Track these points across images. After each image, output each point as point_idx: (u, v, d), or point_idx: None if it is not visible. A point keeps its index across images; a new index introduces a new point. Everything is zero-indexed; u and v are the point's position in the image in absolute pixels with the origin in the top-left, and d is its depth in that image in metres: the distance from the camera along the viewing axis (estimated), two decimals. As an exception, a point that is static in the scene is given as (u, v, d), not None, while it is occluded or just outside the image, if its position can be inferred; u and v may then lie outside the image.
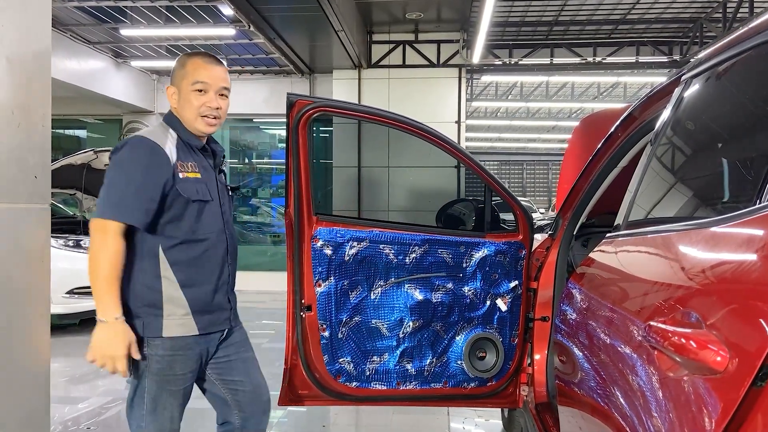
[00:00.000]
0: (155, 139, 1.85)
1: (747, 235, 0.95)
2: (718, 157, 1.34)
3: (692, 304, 0.97)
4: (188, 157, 1.91)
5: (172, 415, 1.90)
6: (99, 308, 1.76)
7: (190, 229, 1.88)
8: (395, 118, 2.67)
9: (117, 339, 1.75)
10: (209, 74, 1.92)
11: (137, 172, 1.81)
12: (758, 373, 0.76)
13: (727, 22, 8.50)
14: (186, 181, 1.86)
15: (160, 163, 1.82)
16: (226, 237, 1.99)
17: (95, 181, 7.26)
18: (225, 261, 1.98)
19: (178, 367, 1.88)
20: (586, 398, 1.50)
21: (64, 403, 4.10)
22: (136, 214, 1.78)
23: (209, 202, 1.92)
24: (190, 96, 1.90)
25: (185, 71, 1.93)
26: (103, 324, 1.75)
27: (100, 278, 1.74)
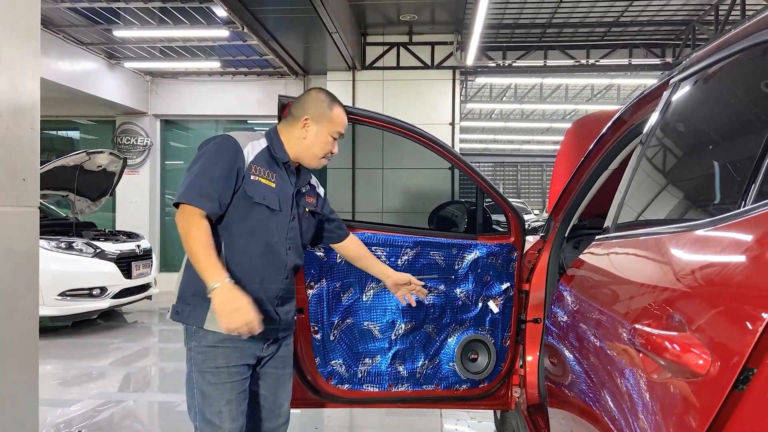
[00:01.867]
0: (238, 139, 1.98)
1: (730, 238, 0.96)
2: (704, 160, 1.35)
3: (677, 307, 0.98)
4: (268, 167, 2.01)
5: (221, 411, 1.92)
6: (207, 279, 1.81)
7: (251, 230, 1.96)
8: (388, 121, 2.67)
9: (235, 295, 1.80)
10: (345, 125, 2.15)
11: (216, 165, 1.91)
12: (739, 376, 0.76)
13: (719, 25, 8.55)
14: (256, 184, 1.96)
15: (236, 160, 1.93)
16: (287, 252, 2.04)
17: (88, 182, 7.25)
18: (280, 273, 2.02)
19: (220, 360, 1.93)
20: (575, 400, 1.51)
21: (56, 405, 4.08)
22: (211, 204, 1.88)
23: (276, 212, 2.00)
24: (327, 139, 2.09)
25: (331, 116, 2.10)
26: (217, 289, 1.80)
27: (197, 254, 1.82)
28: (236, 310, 1.79)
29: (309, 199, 2.18)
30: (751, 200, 0.97)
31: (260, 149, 2.02)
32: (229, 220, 1.95)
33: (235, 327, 1.79)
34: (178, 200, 1.88)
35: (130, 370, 5.25)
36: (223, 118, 10.52)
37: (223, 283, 1.80)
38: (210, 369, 1.94)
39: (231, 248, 1.95)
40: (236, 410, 1.95)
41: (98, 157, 7.02)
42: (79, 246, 6.39)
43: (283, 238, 2.03)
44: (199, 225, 1.85)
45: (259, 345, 2.03)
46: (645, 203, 1.58)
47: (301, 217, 2.11)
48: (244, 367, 1.99)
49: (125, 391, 4.65)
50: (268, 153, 2.03)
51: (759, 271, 0.83)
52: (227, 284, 1.81)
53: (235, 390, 1.96)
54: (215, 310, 1.81)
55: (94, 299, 6.36)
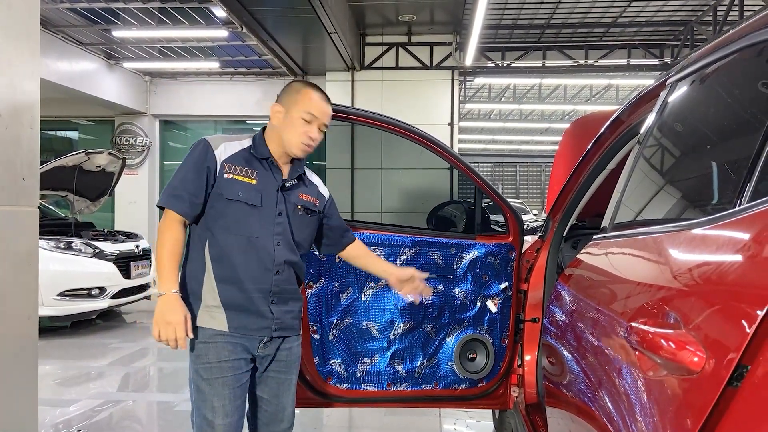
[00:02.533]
0: (210, 140, 2.04)
1: (725, 237, 0.97)
2: (701, 160, 1.36)
3: (672, 305, 0.98)
4: (246, 164, 2.03)
5: (213, 406, 1.95)
6: (159, 283, 1.94)
7: (229, 227, 2.00)
8: (386, 121, 2.68)
9: (174, 308, 1.90)
10: (320, 109, 2.08)
11: (186, 168, 2.00)
12: (734, 373, 0.77)
13: (717, 25, 8.57)
14: (231, 182, 2.00)
15: (205, 160, 1.99)
16: (274, 247, 2.04)
17: (87, 182, 7.25)
18: (269, 269, 2.03)
19: (211, 356, 1.97)
20: (573, 399, 1.51)
21: (55, 405, 4.08)
22: (181, 205, 1.96)
23: (257, 207, 2.02)
24: (296, 122, 2.05)
25: (298, 98, 2.07)
26: (162, 297, 1.91)
27: (160, 258, 1.94)
28: (167, 324, 1.88)
29: (304, 196, 2.15)
30: (746, 199, 0.98)
31: (239, 149, 2.05)
32: (209, 218, 2.01)
33: (163, 339, 1.89)
34: (157, 204, 2.01)
35: (129, 370, 5.26)
36: (221, 118, 10.53)
37: (168, 294, 1.91)
38: (202, 365, 1.97)
39: (214, 246, 2.00)
40: (230, 405, 1.97)
41: (97, 157, 7.02)
42: (78, 246, 6.39)
43: (268, 233, 2.02)
44: (171, 231, 1.95)
45: (253, 342, 2.03)
46: (642, 203, 1.59)
47: (290, 213, 2.09)
48: (238, 361, 1.99)
49: (124, 391, 4.65)
50: (248, 151, 2.06)
51: (753, 269, 0.84)
52: (171, 296, 1.91)
53: (228, 385, 1.97)
54: (154, 315, 1.91)
55: (93, 299, 6.36)
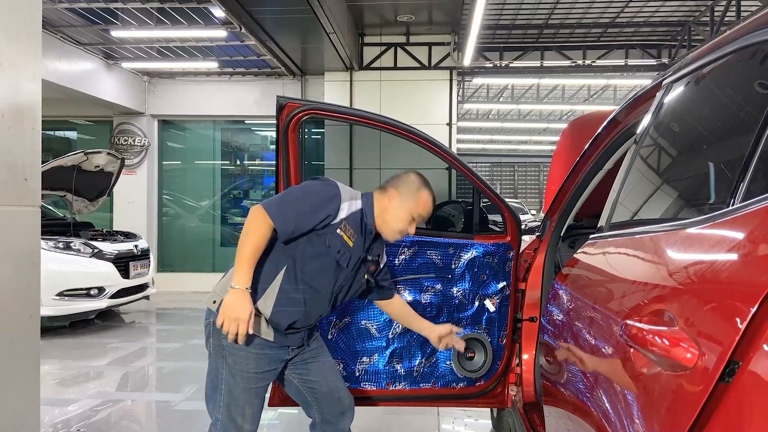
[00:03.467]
0: (342, 191, 2.13)
1: (718, 236, 0.98)
2: (695, 160, 1.38)
3: (666, 303, 1.00)
4: (354, 228, 2.15)
5: (244, 412, 2.08)
6: (235, 277, 2.00)
7: (314, 273, 2.11)
8: (384, 121, 2.69)
9: (242, 303, 1.97)
10: (429, 212, 2.24)
11: (310, 201, 2.08)
12: (725, 368, 0.79)
13: (714, 26, 8.60)
14: (338, 238, 2.10)
15: (329, 208, 2.08)
16: (329, 302, 2.20)
17: (85, 182, 7.25)
18: (319, 315, 2.21)
19: (251, 365, 2.08)
20: (570, 397, 1.53)
21: (54, 405, 4.09)
22: (284, 226, 2.03)
23: (342, 268, 2.14)
24: (406, 217, 2.20)
25: (418, 197, 2.21)
26: (234, 290, 1.98)
27: (243, 253, 2.00)
28: (234, 319, 1.96)
29: (371, 267, 2.31)
30: (739, 199, 1.00)
31: (355, 209, 2.16)
32: (301, 252, 2.09)
33: (225, 331, 1.97)
34: (263, 207, 2.03)
35: (127, 370, 5.27)
36: (220, 118, 10.53)
37: (242, 289, 1.98)
38: (241, 372, 2.08)
39: (290, 276, 2.09)
40: (257, 413, 2.13)
41: (96, 157, 7.02)
42: (77, 246, 6.39)
43: (334, 288, 2.18)
44: (262, 232, 2.01)
45: (286, 351, 2.18)
46: (638, 203, 1.61)
47: (355, 280, 2.24)
48: (270, 372, 2.14)
49: (123, 391, 4.66)
50: (360, 215, 2.17)
51: (744, 267, 0.86)
52: (243, 292, 1.98)
53: (259, 395, 2.13)
54: (222, 305, 1.99)
55: (91, 299, 6.37)
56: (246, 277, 1.99)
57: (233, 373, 2.07)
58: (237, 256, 2.01)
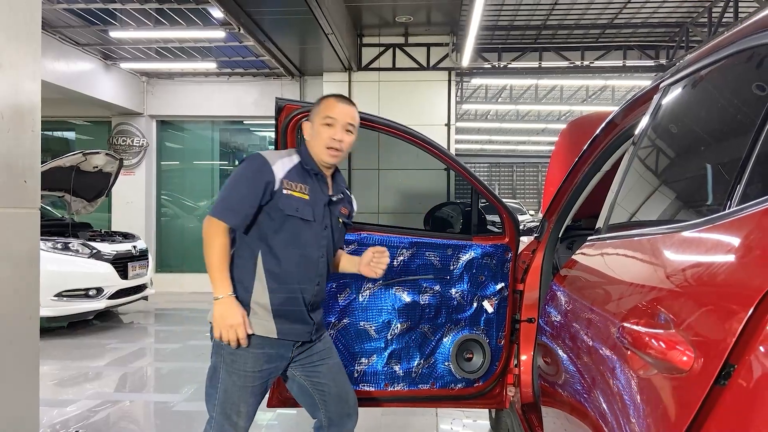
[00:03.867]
0: (267, 157, 2.10)
1: (715, 240, 0.99)
2: (692, 163, 1.38)
3: (663, 306, 1.01)
4: (301, 180, 2.12)
5: (239, 410, 2.08)
6: (214, 289, 2.02)
7: (287, 241, 2.08)
8: (384, 123, 2.70)
9: (232, 310, 2.00)
10: (338, 110, 2.15)
11: (243, 182, 2.07)
12: (721, 371, 0.79)
13: (712, 27, 8.62)
14: (289, 198, 2.07)
15: (263, 177, 2.05)
16: (319, 260, 2.15)
17: (84, 183, 7.25)
18: (312, 281, 2.15)
19: (249, 365, 2.07)
20: (568, 398, 1.54)
21: (52, 405, 4.09)
22: (235, 218, 2.04)
23: (310, 222, 2.11)
24: (320, 129, 2.13)
25: (319, 108, 2.17)
26: (219, 300, 2.01)
27: (212, 265, 2.02)
28: (230, 327, 1.98)
29: (344, 210, 2.29)
30: (736, 202, 1.00)
31: (292, 164, 2.12)
32: (266, 232, 2.08)
33: (225, 340, 2.00)
34: (209, 214, 2.05)
35: (126, 371, 5.26)
36: (219, 119, 10.52)
37: (226, 296, 2.00)
38: (237, 371, 2.07)
39: (269, 257, 2.08)
40: (251, 411, 2.12)
41: (94, 157, 7.02)
42: (76, 247, 6.39)
43: (317, 248, 2.15)
44: (220, 237, 2.02)
45: (288, 350, 2.15)
46: (636, 205, 1.62)
47: (333, 227, 2.22)
48: (267, 370, 2.12)
49: (122, 392, 4.66)
50: (300, 167, 2.14)
51: (741, 270, 0.86)
52: (229, 298, 2.00)
53: (255, 393, 2.12)
54: (213, 318, 2.02)
55: (90, 300, 6.36)
56: (224, 284, 2.01)
57: (230, 372, 2.07)
58: (208, 270, 2.02)
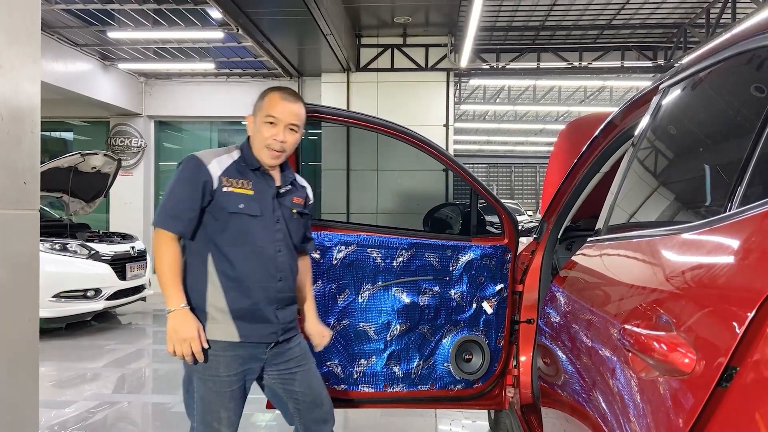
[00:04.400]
0: (202, 157, 2.04)
1: (716, 241, 0.99)
2: (692, 164, 1.39)
3: (664, 308, 1.01)
4: (242, 176, 2.05)
5: (220, 417, 2.00)
6: (166, 301, 1.96)
7: (235, 240, 2.01)
8: (382, 124, 2.70)
9: (186, 322, 1.93)
10: (281, 109, 2.06)
11: (180, 186, 2.01)
12: (723, 374, 0.79)
13: (710, 28, 8.63)
14: (230, 195, 2.01)
15: (198, 178, 1.99)
16: (277, 254, 2.07)
17: (82, 183, 7.24)
18: (273, 276, 2.06)
19: (221, 369, 2.00)
20: (568, 399, 1.54)
21: (50, 407, 4.08)
22: (178, 225, 1.98)
23: (258, 217, 2.04)
24: (262, 128, 2.06)
25: (262, 104, 2.09)
26: (172, 313, 1.94)
27: (162, 276, 1.96)
28: (183, 341, 1.92)
29: (297, 200, 2.19)
30: (736, 204, 1.00)
31: (230, 161, 2.06)
32: (212, 232, 2.01)
33: (179, 355, 1.93)
34: (153, 224, 2.01)
35: (124, 372, 5.26)
36: (217, 119, 10.53)
37: (178, 309, 1.94)
38: (212, 377, 2.00)
39: (219, 259, 2.01)
40: (234, 416, 2.03)
41: (92, 158, 7.01)
42: (74, 247, 6.38)
43: (270, 241, 2.06)
44: (168, 247, 1.97)
45: (260, 349, 2.07)
46: (635, 206, 1.62)
47: (287, 218, 2.13)
48: (242, 372, 2.04)
49: (120, 393, 4.65)
50: (240, 163, 2.07)
51: (742, 272, 0.86)
52: (181, 311, 1.94)
53: (234, 397, 2.03)
54: (167, 332, 1.95)
55: (88, 301, 6.35)
56: (176, 296, 1.95)
57: (203, 379, 2.00)
58: (159, 282, 1.97)
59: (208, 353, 1.98)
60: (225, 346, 2.00)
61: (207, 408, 2.00)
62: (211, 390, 1.99)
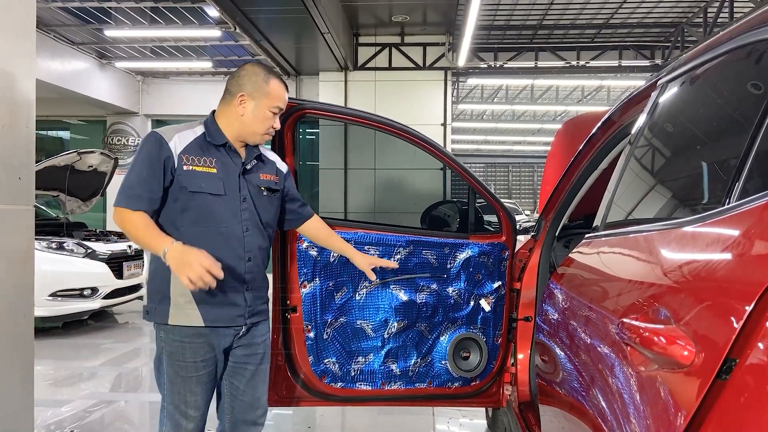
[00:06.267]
0: (163, 133, 1.98)
1: (714, 235, 0.99)
2: (690, 160, 1.38)
3: (663, 302, 1.01)
4: (204, 153, 2.00)
5: (186, 399, 1.99)
6: (155, 248, 1.85)
7: (196, 219, 1.95)
8: (379, 121, 2.70)
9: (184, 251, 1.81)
10: (285, 100, 2.11)
11: (140, 164, 1.94)
12: (722, 366, 0.79)
13: (707, 27, 8.65)
14: (191, 173, 1.95)
15: (160, 155, 1.93)
16: (244, 233, 2.02)
17: (79, 182, 7.21)
18: (240, 257, 2.01)
19: (188, 355, 1.98)
20: (566, 396, 1.53)
21: (47, 406, 4.07)
22: (140, 203, 1.91)
23: (221, 196, 1.98)
24: (266, 114, 2.06)
25: (268, 90, 2.05)
26: (167, 252, 1.82)
27: (138, 232, 1.88)
28: (188, 264, 1.77)
29: (264, 176, 2.14)
30: (735, 198, 1.00)
31: (193, 138, 2.00)
32: (173, 213, 1.96)
33: (196, 278, 1.76)
34: (114, 204, 1.93)
35: (121, 371, 5.24)
36: (215, 118, 10.50)
37: (170, 246, 1.83)
38: (178, 362, 1.98)
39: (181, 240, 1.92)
40: (201, 400, 2.02)
41: (89, 157, 6.99)
42: (70, 246, 6.36)
43: (236, 221, 2.01)
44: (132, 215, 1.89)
45: (227, 338, 2.04)
46: (633, 202, 1.62)
47: (254, 196, 2.08)
48: (211, 359, 2.02)
49: (117, 392, 4.64)
50: (203, 139, 2.02)
51: (741, 265, 0.86)
52: (175, 245, 1.83)
53: (201, 382, 2.01)
54: (173, 271, 1.82)
55: (85, 300, 6.33)
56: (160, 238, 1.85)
57: (171, 363, 1.99)
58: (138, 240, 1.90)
59: (174, 339, 1.96)
60: (190, 332, 1.96)
61: (174, 389, 2.00)
62: (179, 374, 1.98)
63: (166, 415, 2.04)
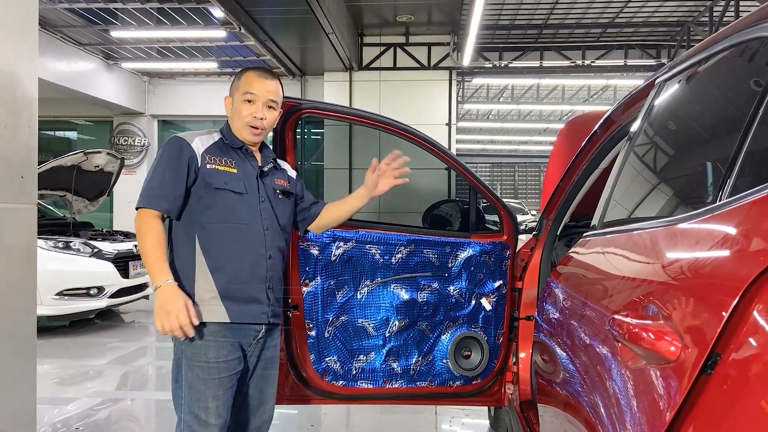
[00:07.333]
0: (185, 137, 2.03)
1: (704, 232, 0.99)
2: (686, 158, 1.39)
3: (652, 298, 1.01)
4: (225, 155, 2.05)
5: (207, 406, 1.94)
6: (152, 278, 1.89)
7: (220, 216, 1.99)
8: (382, 121, 2.71)
9: (173, 296, 1.85)
10: (258, 86, 2.07)
11: (164, 166, 1.97)
12: (707, 361, 0.80)
13: (713, 26, 8.61)
14: (214, 171, 1.99)
15: (183, 155, 1.98)
16: (264, 232, 2.05)
17: (85, 182, 7.27)
18: (262, 255, 2.04)
19: (211, 354, 1.95)
20: (562, 395, 1.54)
21: (53, 404, 4.10)
22: (163, 202, 1.94)
23: (243, 195, 2.03)
24: (240, 106, 2.06)
25: (239, 83, 2.09)
26: (158, 289, 1.86)
27: (146, 253, 1.90)
28: (168, 314, 1.83)
29: (279, 181, 2.19)
30: (725, 195, 1.01)
31: (212, 142, 2.06)
32: (197, 211, 1.99)
33: (167, 330, 1.84)
34: (137, 206, 1.96)
35: (127, 369, 5.28)
36: (219, 118, 10.53)
37: (165, 285, 1.86)
38: (200, 363, 1.94)
39: (205, 237, 1.97)
40: (222, 406, 1.97)
41: (95, 157, 7.03)
42: (77, 246, 6.41)
43: (257, 220, 2.05)
44: (151, 226, 1.92)
45: (248, 338, 2.04)
46: (629, 201, 1.62)
47: (271, 198, 2.12)
48: (233, 361, 1.99)
49: (123, 390, 4.67)
50: (222, 142, 2.08)
51: (727, 261, 0.87)
52: (168, 285, 1.86)
53: (223, 386, 1.97)
54: (154, 309, 1.86)
55: (91, 299, 6.37)
56: (161, 272, 1.87)
57: (192, 366, 1.94)
58: (144, 261, 1.91)
59: (197, 338, 1.93)
60: (214, 330, 1.95)
61: (195, 396, 1.94)
62: (200, 377, 1.94)
63: (183, 428, 1.97)
